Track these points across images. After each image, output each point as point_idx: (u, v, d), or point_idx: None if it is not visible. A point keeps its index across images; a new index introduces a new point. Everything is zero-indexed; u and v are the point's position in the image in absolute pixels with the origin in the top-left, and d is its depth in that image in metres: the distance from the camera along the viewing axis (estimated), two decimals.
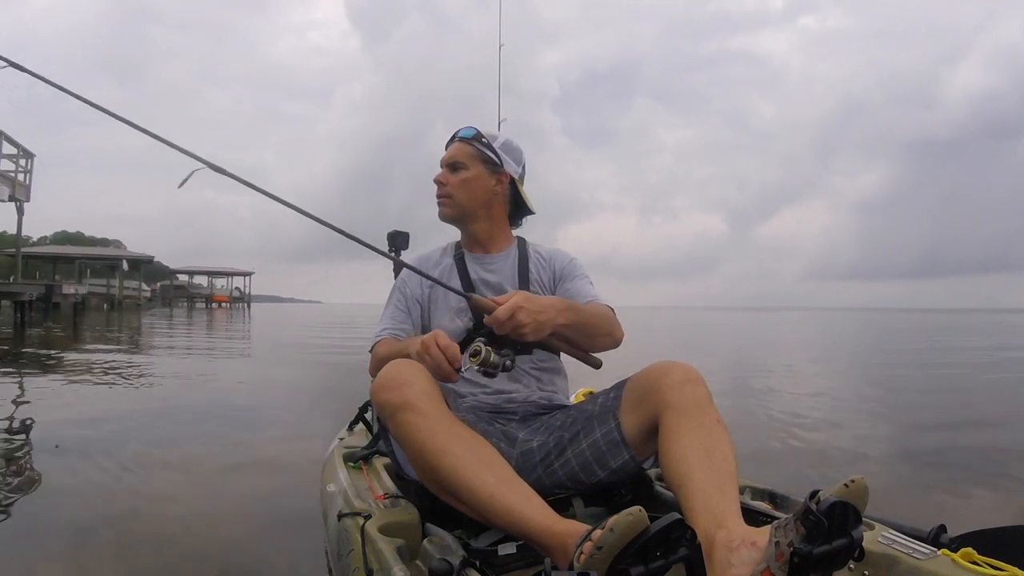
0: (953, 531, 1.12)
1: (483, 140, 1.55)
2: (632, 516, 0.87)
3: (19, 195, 16.29)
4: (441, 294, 1.53)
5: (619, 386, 1.36)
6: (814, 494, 0.93)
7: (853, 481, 0.94)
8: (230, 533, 2.07)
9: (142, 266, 34.52)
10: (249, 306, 47.55)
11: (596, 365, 1.46)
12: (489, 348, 1.25)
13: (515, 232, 1.67)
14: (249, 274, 48.35)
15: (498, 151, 1.55)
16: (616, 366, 1.55)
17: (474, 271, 1.56)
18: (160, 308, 37.46)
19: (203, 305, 43.96)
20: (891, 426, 4.41)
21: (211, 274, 47.37)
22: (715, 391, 1.26)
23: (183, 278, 49.05)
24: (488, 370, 1.26)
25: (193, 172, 1.26)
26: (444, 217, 1.58)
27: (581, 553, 0.91)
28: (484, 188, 1.54)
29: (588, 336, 1.40)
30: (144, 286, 37.70)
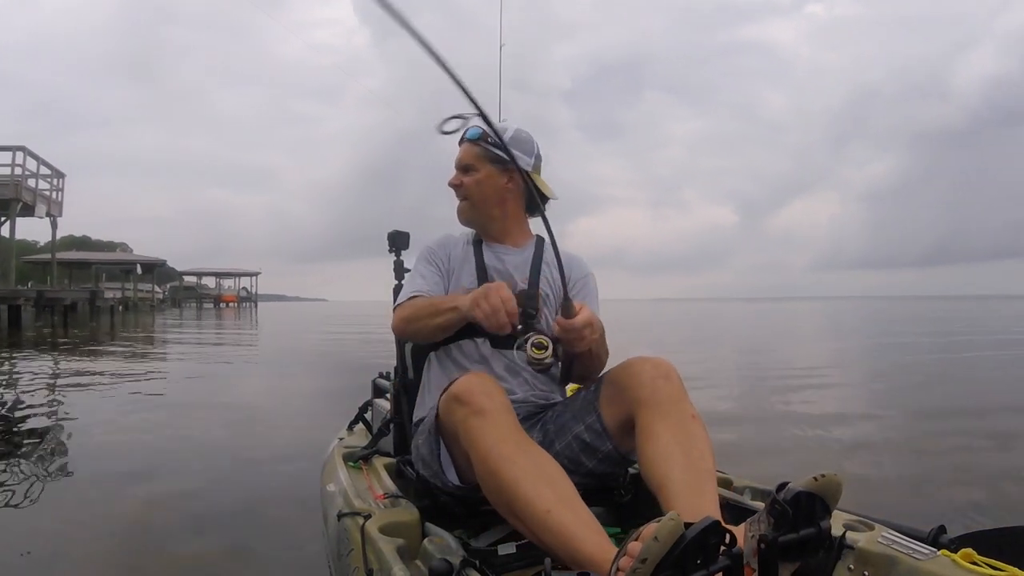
0: (953, 531, 1.11)
1: (489, 140, 1.54)
2: (674, 521, 0.83)
3: (53, 211, 18.35)
4: (465, 263, 1.56)
5: (599, 381, 1.37)
6: (782, 486, 0.94)
7: (824, 475, 0.95)
8: None
9: (155, 269, 34.98)
10: (256, 305, 47.87)
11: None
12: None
13: (536, 222, 1.65)
14: (255, 274, 48.74)
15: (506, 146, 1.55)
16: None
17: (488, 257, 1.57)
18: (171, 309, 37.94)
19: (211, 305, 44.31)
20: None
21: (218, 275, 47.75)
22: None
23: (190, 279, 49.42)
24: (543, 364, 1.26)
25: None
26: (463, 220, 1.59)
27: (618, 570, 0.86)
28: (495, 187, 1.54)
29: (595, 359, 1.42)
30: (156, 288, 38.08)
